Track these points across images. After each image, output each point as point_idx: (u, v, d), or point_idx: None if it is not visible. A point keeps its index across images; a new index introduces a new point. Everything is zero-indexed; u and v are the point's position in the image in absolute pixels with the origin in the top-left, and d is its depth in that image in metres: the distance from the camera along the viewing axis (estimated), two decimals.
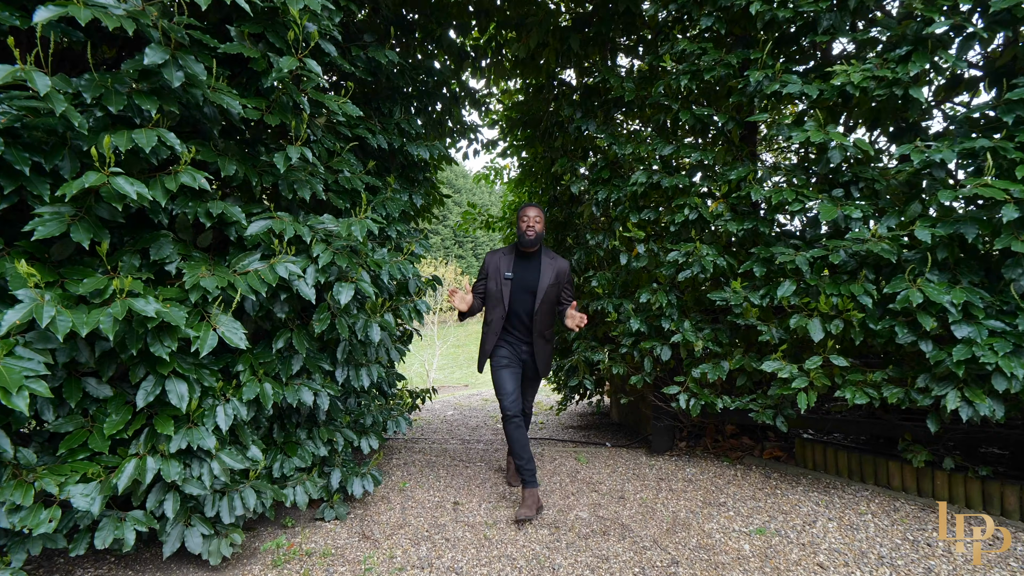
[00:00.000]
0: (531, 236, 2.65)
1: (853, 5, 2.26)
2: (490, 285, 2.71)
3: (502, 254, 2.76)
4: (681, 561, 2.14)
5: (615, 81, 3.09)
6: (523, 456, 2.62)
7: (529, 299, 2.70)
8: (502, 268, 2.71)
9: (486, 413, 6.34)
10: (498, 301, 2.71)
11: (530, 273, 2.70)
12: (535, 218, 2.66)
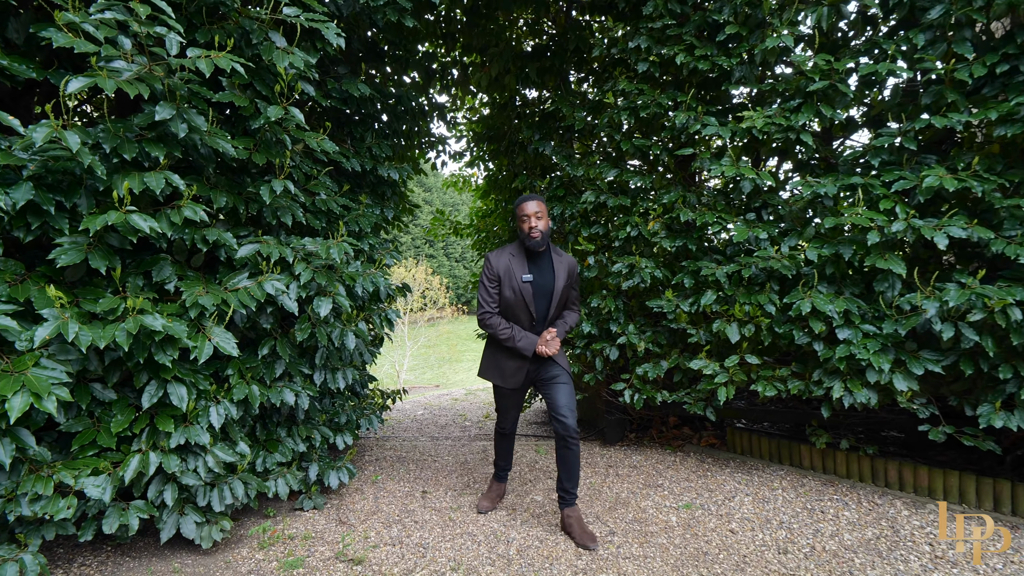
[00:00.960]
0: (536, 237, 2.33)
1: (759, 60, 2.69)
2: (505, 291, 2.38)
3: (509, 254, 2.42)
4: (617, 532, 2.51)
5: (568, 110, 3.45)
6: (506, 459, 2.79)
7: (545, 303, 2.43)
8: (515, 270, 2.37)
9: (455, 412, 6.64)
10: (522, 308, 2.39)
11: (545, 274, 2.43)
12: (536, 214, 2.33)
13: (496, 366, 2.52)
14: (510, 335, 2.40)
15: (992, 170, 2.30)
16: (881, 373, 2.41)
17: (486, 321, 2.43)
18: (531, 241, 2.36)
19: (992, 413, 2.27)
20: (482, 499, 2.76)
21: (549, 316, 2.46)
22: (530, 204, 2.35)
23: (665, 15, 2.95)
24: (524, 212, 2.36)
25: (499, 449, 2.81)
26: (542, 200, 2.39)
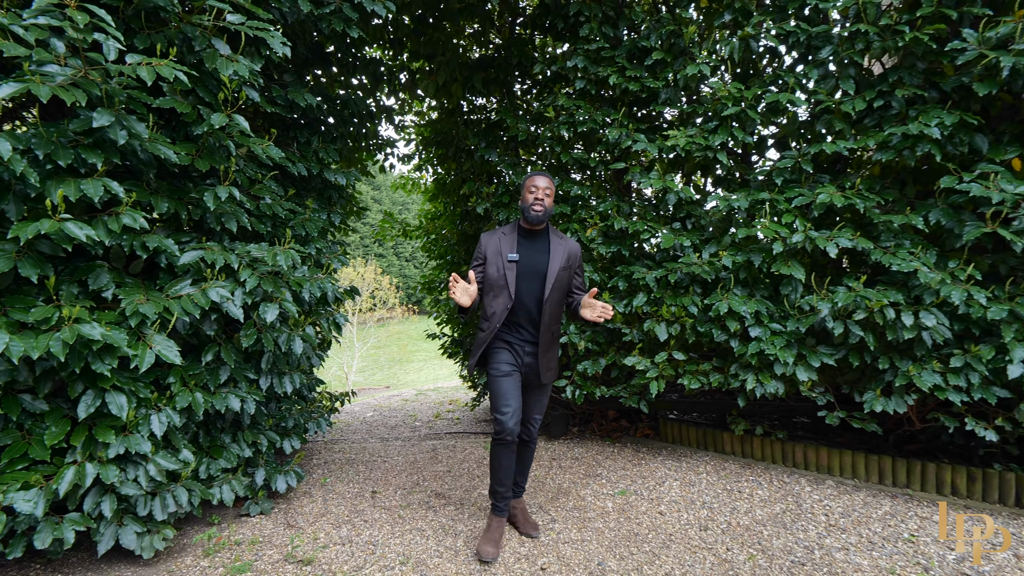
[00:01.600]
0: (538, 211, 2.21)
1: (682, 84, 2.96)
2: (490, 271, 2.25)
3: (501, 233, 2.31)
4: (558, 519, 2.70)
5: (512, 121, 3.61)
6: (505, 483, 2.33)
7: (538, 286, 2.26)
8: (503, 249, 2.25)
9: (405, 413, 6.67)
10: (501, 289, 2.24)
11: (538, 254, 2.28)
12: (544, 190, 2.22)
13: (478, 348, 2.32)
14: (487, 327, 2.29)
15: (872, 189, 2.67)
16: (786, 366, 2.73)
17: None
18: (531, 214, 2.21)
19: (874, 399, 2.63)
20: (483, 543, 2.30)
21: (545, 299, 2.23)
22: (541, 178, 2.25)
23: (599, 38, 3.17)
24: (534, 184, 2.24)
25: (500, 467, 2.30)
26: (552, 180, 2.28)
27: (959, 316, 2.50)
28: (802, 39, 2.82)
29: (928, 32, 2.52)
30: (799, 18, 2.92)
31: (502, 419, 2.21)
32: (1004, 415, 2.56)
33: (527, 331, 2.32)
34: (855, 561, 2.24)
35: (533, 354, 2.31)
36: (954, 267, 2.50)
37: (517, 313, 2.30)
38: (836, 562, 2.23)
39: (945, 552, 2.28)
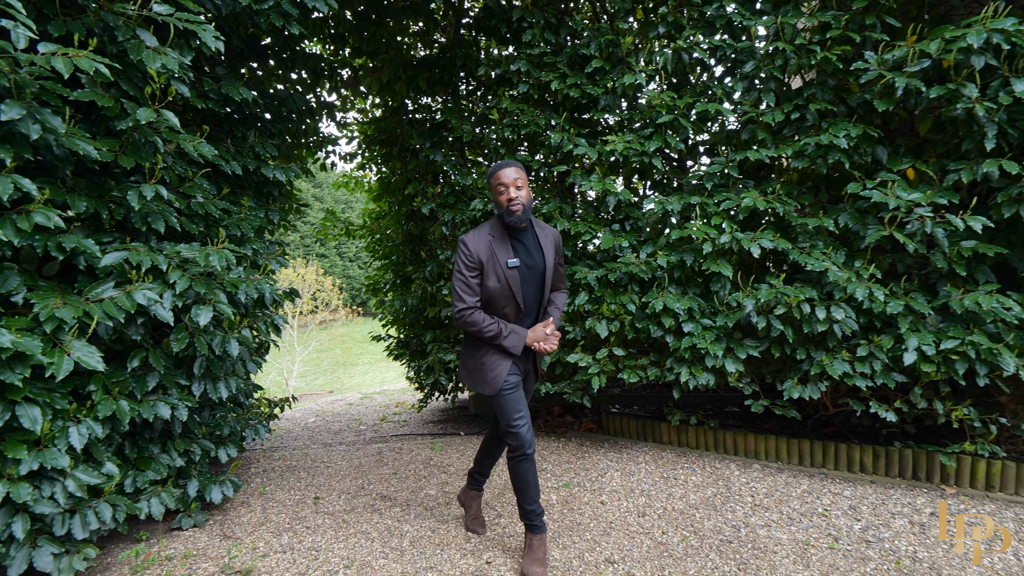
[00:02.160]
0: (517, 211, 1.98)
1: (620, 92, 3.10)
2: (489, 281, 2.01)
3: (487, 235, 2.05)
4: (504, 514, 2.75)
5: (456, 122, 3.63)
6: (535, 499, 2.14)
7: (537, 287, 2.11)
8: (498, 253, 2.02)
9: (349, 417, 6.52)
10: (508, 299, 2.04)
11: (533, 254, 2.10)
12: (515, 182, 1.98)
13: (482, 368, 2.10)
14: (496, 332, 2.02)
15: (790, 194, 2.92)
16: (716, 359, 2.92)
17: (467, 318, 2.01)
18: (511, 217, 1.99)
19: (793, 387, 2.87)
20: (529, 564, 2.14)
21: (542, 303, 2.14)
22: (507, 171, 2.00)
23: (542, 44, 3.25)
24: (501, 181, 1.99)
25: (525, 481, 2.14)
26: (521, 167, 2.04)
27: (864, 310, 2.77)
28: (729, 53, 3.03)
29: (836, 52, 2.77)
30: (726, 34, 3.13)
31: (518, 432, 2.04)
32: (902, 398, 2.86)
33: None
34: (776, 536, 2.43)
35: (531, 353, 2.22)
36: (859, 266, 2.77)
37: (525, 322, 2.13)
38: (759, 538, 2.42)
39: (852, 523, 2.52)
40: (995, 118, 2.43)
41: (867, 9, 2.78)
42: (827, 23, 2.84)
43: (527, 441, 2.06)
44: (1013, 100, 2.40)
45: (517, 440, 2.05)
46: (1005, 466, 2.75)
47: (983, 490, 2.79)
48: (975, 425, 2.72)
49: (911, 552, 2.27)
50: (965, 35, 2.42)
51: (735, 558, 2.26)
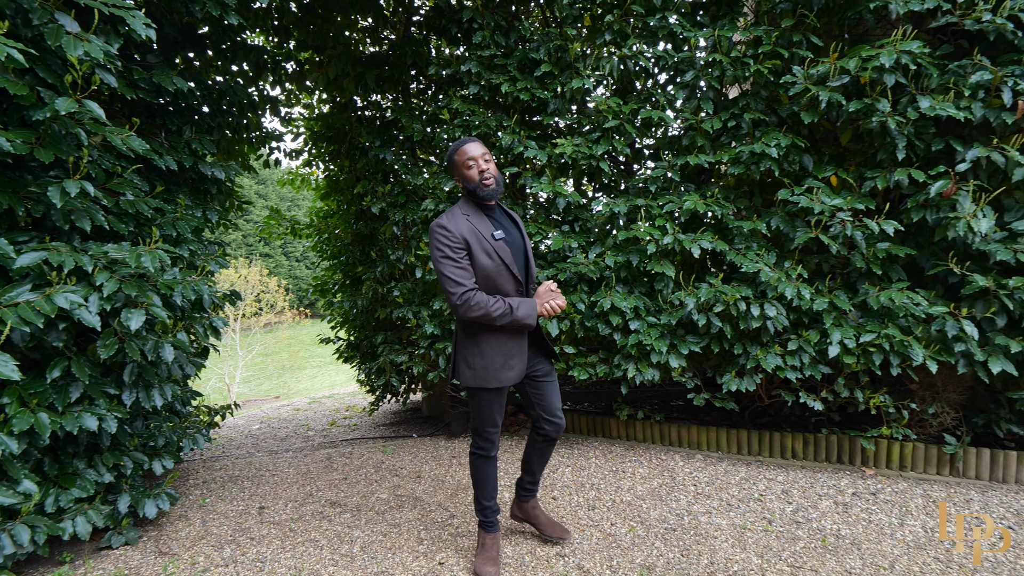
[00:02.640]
0: (491, 185, 1.91)
1: (569, 96, 3.18)
2: (480, 258, 1.88)
3: (462, 214, 1.93)
4: (457, 515, 2.76)
5: (407, 121, 3.60)
6: (492, 495, 2.18)
7: (522, 263, 2.02)
8: (480, 229, 1.91)
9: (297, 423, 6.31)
10: (504, 274, 1.92)
11: (510, 229, 2.04)
12: (484, 156, 1.93)
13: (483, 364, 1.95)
14: (505, 308, 1.86)
15: (728, 198, 3.09)
16: (661, 355, 3.04)
17: (470, 301, 1.84)
18: (485, 190, 1.90)
19: (731, 380, 3.04)
20: (482, 564, 2.13)
21: (531, 277, 2.06)
22: (473, 146, 1.92)
23: (492, 46, 3.28)
24: (469, 155, 1.91)
25: (487, 479, 2.14)
26: (482, 142, 2.01)
27: (793, 307, 2.97)
28: (671, 63, 3.17)
29: (768, 66, 2.96)
30: (669, 44, 3.27)
31: (488, 438, 2.07)
32: (827, 388, 3.09)
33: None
34: (716, 522, 2.57)
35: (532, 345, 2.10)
36: (788, 266, 2.97)
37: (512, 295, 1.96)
38: (701, 525, 2.55)
39: (784, 506, 2.70)
40: (904, 131, 2.67)
41: (794, 27, 2.98)
42: (759, 38, 3.02)
43: (494, 445, 2.12)
44: (919, 115, 2.65)
45: (489, 446, 2.11)
46: (915, 447, 3.02)
47: (897, 470, 3.06)
48: (890, 411, 2.97)
49: (835, 530, 2.46)
50: (878, 55, 2.64)
51: (679, 545, 2.37)
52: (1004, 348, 2.60)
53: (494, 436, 2.10)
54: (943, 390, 3.07)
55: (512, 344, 1.97)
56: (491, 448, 2.12)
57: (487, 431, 2.08)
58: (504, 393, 2.05)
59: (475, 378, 1.97)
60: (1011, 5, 2.54)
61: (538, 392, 2.14)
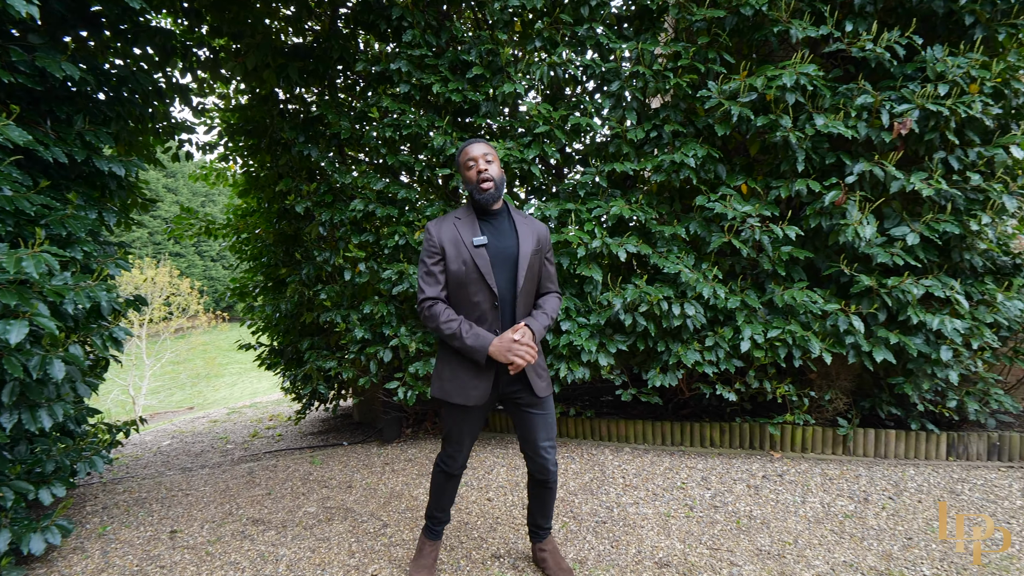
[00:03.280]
0: (488, 188, 1.79)
1: (500, 100, 3.21)
2: (454, 265, 1.79)
3: (454, 219, 1.85)
4: (390, 524, 2.70)
5: (333, 117, 3.46)
6: (446, 508, 2.12)
7: (509, 275, 1.84)
8: (463, 235, 1.81)
9: (214, 436, 5.88)
10: (478, 284, 1.79)
11: (504, 237, 1.86)
12: (484, 157, 1.81)
13: (451, 377, 1.85)
14: (456, 331, 1.76)
15: (651, 204, 3.25)
16: (590, 354, 3.15)
17: (426, 311, 1.80)
18: (482, 194, 1.79)
19: (655, 376, 3.20)
20: (416, 571, 2.09)
21: (518, 292, 1.82)
22: (476, 146, 1.83)
23: (423, 45, 3.23)
24: (470, 156, 1.82)
25: (439, 494, 2.09)
26: (490, 144, 1.89)
27: (710, 306, 3.18)
28: (598, 72, 3.29)
29: (686, 80, 3.15)
30: (596, 53, 3.39)
31: (451, 455, 1.99)
32: (740, 380, 3.34)
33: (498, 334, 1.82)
34: (643, 512, 2.70)
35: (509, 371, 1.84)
36: (705, 268, 3.18)
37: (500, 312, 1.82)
38: (629, 516, 2.67)
39: (704, 492, 2.89)
40: (803, 146, 2.95)
41: (709, 45, 3.19)
42: (678, 53, 3.21)
43: (459, 466, 2.02)
44: (815, 132, 2.93)
45: (450, 462, 2.01)
46: (814, 431, 3.35)
47: (800, 452, 3.37)
48: (793, 399, 3.27)
49: (748, 511, 2.67)
50: (781, 75, 2.90)
51: (609, 537, 2.47)
52: (885, 340, 2.95)
53: (456, 454, 1.98)
54: (837, 378, 3.43)
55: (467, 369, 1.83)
56: (452, 465, 2.01)
57: (449, 446, 1.99)
58: (471, 413, 1.89)
59: (440, 390, 1.90)
60: (888, 37, 2.88)
61: (519, 422, 1.96)
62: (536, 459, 1.96)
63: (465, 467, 2.07)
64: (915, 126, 2.81)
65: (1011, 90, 2.84)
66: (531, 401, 1.90)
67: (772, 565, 2.20)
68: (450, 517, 2.18)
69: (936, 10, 2.89)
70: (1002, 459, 3.21)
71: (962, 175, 2.96)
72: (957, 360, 3.04)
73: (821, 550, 2.31)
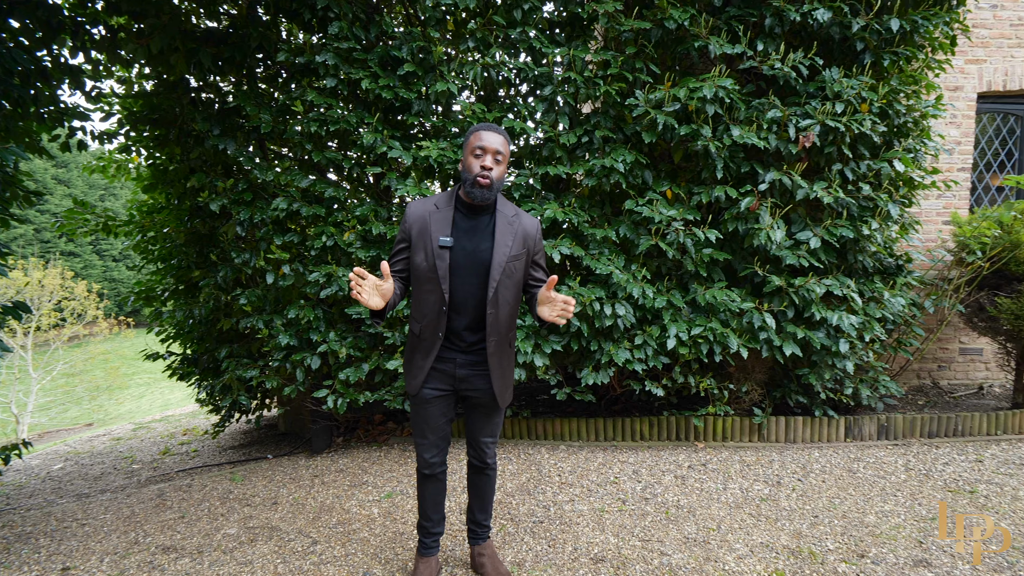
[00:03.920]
0: (485, 185, 1.68)
1: (433, 99, 3.15)
2: (417, 257, 1.74)
3: (434, 206, 1.77)
4: (320, 540, 2.56)
5: (252, 110, 3.23)
6: (432, 516, 2.05)
7: (478, 281, 1.75)
8: (432, 228, 1.73)
9: (116, 456, 5.33)
10: (432, 283, 1.74)
11: (479, 238, 1.76)
12: (496, 154, 1.70)
13: (409, 362, 1.86)
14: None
15: (583, 207, 3.33)
16: (526, 355, 3.17)
17: None
18: (476, 190, 1.68)
19: (589, 374, 3.29)
20: None
21: (489, 300, 1.74)
22: (493, 136, 1.69)
23: (351, 38, 3.10)
24: (481, 143, 1.68)
25: (420, 499, 2.02)
26: (508, 140, 1.76)
27: (639, 306, 3.31)
28: (531, 75, 3.31)
29: (615, 88, 3.25)
30: (529, 56, 3.42)
31: (424, 454, 1.94)
32: (667, 376, 3.51)
33: (467, 339, 1.80)
34: (578, 509, 2.76)
35: (476, 366, 1.83)
36: (635, 269, 3.30)
37: (453, 318, 1.78)
38: (565, 514, 2.71)
39: (635, 485, 3.00)
40: (721, 154, 3.14)
41: (636, 55, 3.32)
42: (608, 61, 3.30)
43: (428, 463, 1.96)
44: (732, 142, 3.13)
45: (419, 460, 1.97)
46: (733, 421, 3.58)
47: (721, 441, 3.60)
48: (715, 392, 3.48)
49: (676, 501, 2.80)
50: (702, 87, 3.07)
51: (546, 536, 2.50)
52: (793, 335, 3.21)
53: (422, 451, 1.94)
54: (752, 371, 3.69)
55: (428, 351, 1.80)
56: (422, 464, 1.97)
57: (416, 439, 1.96)
58: (429, 407, 1.85)
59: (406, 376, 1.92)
60: (794, 58, 3.13)
61: (467, 415, 1.99)
62: (475, 446, 2.02)
63: (443, 468, 2.01)
64: (817, 140, 3.08)
65: (893, 111, 3.19)
66: (480, 400, 1.90)
67: (699, 552, 2.33)
68: (442, 528, 2.11)
69: (833, 35, 3.18)
70: (889, 438, 3.60)
71: (855, 185, 3.29)
72: (853, 352, 3.37)
73: (741, 534, 2.47)
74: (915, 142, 3.32)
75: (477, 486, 2.10)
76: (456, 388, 1.87)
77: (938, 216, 4.67)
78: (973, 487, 2.86)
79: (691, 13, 3.11)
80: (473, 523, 2.15)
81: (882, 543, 2.35)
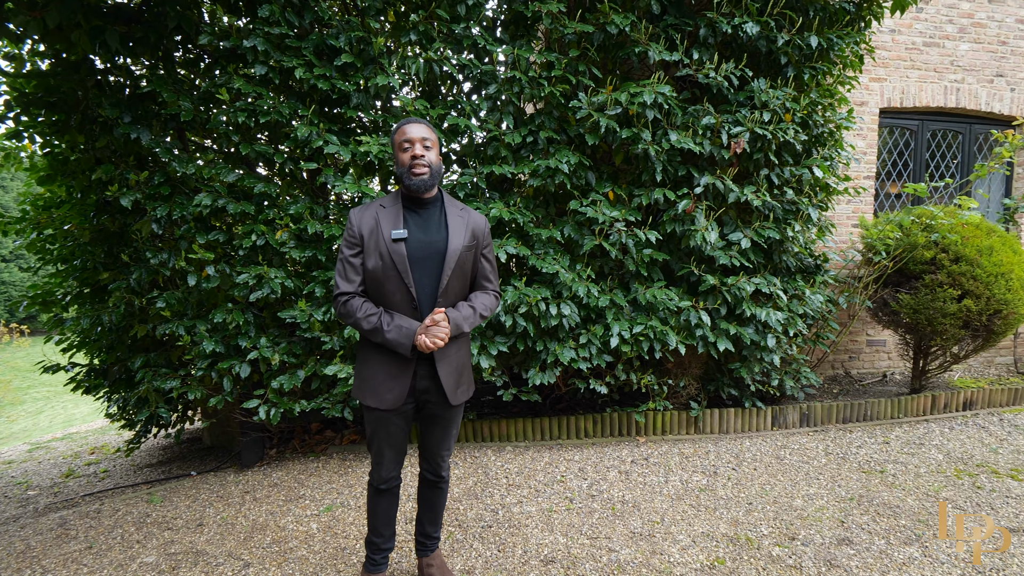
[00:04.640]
0: (421, 174, 1.68)
1: (373, 92, 3.03)
2: (370, 260, 1.68)
3: (378, 207, 1.73)
4: (253, 562, 2.38)
5: (170, 96, 2.95)
6: (383, 532, 1.95)
7: (433, 271, 1.72)
8: (383, 225, 1.68)
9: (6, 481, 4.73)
10: (395, 283, 1.68)
11: (432, 229, 1.73)
12: (423, 141, 1.70)
13: (369, 376, 1.74)
14: (376, 325, 1.66)
15: (528, 207, 3.33)
16: (471, 356, 3.12)
17: (341, 307, 1.71)
18: (414, 180, 1.67)
19: (535, 375, 3.29)
20: None
21: (441, 292, 1.71)
22: (414, 127, 1.70)
23: (283, 23, 2.91)
24: (406, 137, 1.68)
25: (371, 514, 1.94)
26: (432, 128, 1.76)
27: (583, 305, 3.35)
28: (475, 73, 3.26)
29: (559, 89, 3.27)
30: (472, 54, 3.36)
31: (379, 470, 1.86)
32: (610, 373, 3.58)
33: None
34: (527, 510, 2.75)
35: (428, 367, 1.75)
36: (579, 269, 3.34)
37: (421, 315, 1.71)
38: (514, 516, 2.69)
39: (582, 483, 3.04)
40: (660, 158, 3.24)
41: (579, 58, 3.36)
42: (552, 63, 3.32)
43: (384, 479, 1.88)
44: (670, 146, 3.24)
45: (374, 473, 1.89)
46: (672, 415, 3.72)
47: (661, 435, 3.72)
48: (655, 388, 3.59)
49: (621, 496, 2.86)
50: (642, 92, 3.15)
51: (495, 541, 2.46)
52: (726, 331, 3.37)
53: (379, 467, 1.86)
54: (689, 367, 3.85)
55: (396, 365, 1.72)
56: (376, 478, 1.89)
57: (374, 455, 1.87)
58: (390, 421, 1.78)
59: (358, 390, 1.80)
60: (726, 68, 3.29)
61: (423, 428, 1.91)
62: (430, 460, 1.96)
63: (399, 482, 1.94)
64: (747, 146, 3.25)
65: (813, 121, 3.44)
66: (441, 409, 1.83)
67: (645, 546, 2.38)
68: (392, 544, 2.02)
69: (761, 48, 3.37)
70: (810, 425, 3.88)
71: (780, 190, 3.51)
72: (779, 346, 3.60)
73: (684, 525, 2.55)
74: (831, 151, 3.60)
75: (430, 500, 2.03)
76: (418, 400, 1.81)
77: (848, 220, 5.11)
78: (883, 467, 3.14)
79: (632, 19, 3.19)
80: (423, 535, 2.08)
81: (809, 525, 2.51)
